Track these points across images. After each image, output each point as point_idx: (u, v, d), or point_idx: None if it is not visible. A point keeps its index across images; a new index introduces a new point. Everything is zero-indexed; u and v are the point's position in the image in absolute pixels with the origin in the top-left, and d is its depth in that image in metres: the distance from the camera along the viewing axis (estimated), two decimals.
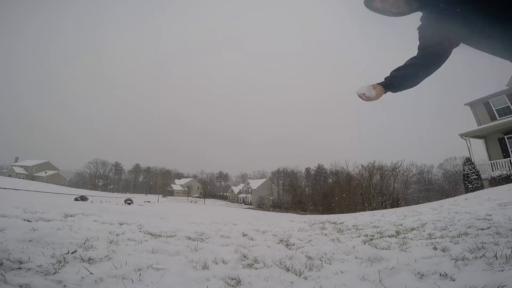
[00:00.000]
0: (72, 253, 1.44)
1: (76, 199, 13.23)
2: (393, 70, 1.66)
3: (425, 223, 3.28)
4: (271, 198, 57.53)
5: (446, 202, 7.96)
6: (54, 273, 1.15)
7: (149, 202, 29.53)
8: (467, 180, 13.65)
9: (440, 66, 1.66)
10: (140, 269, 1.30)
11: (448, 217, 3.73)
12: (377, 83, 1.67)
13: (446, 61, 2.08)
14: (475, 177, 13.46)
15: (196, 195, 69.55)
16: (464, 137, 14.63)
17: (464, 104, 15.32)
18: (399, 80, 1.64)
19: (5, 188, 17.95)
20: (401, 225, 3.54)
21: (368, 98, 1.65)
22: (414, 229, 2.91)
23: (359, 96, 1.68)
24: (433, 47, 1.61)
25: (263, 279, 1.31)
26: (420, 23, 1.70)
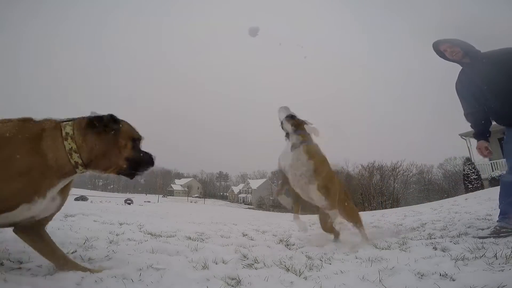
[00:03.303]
0: (72, 253, 1.44)
1: (76, 199, 13.24)
2: (480, 128, 2.22)
3: (425, 223, 3.29)
4: (271, 198, 57.50)
5: (446, 202, 7.97)
6: (54, 273, 1.15)
7: (149, 202, 29.46)
8: (467, 180, 13.65)
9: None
10: (140, 269, 1.30)
11: (448, 217, 3.73)
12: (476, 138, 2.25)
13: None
14: (475, 177, 13.47)
15: (196, 195, 69.41)
16: (464, 137, 14.62)
17: None
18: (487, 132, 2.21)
19: None
20: (401, 225, 3.55)
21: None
22: (414, 229, 2.91)
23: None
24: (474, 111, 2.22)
25: (263, 279, 1.31)
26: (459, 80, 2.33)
